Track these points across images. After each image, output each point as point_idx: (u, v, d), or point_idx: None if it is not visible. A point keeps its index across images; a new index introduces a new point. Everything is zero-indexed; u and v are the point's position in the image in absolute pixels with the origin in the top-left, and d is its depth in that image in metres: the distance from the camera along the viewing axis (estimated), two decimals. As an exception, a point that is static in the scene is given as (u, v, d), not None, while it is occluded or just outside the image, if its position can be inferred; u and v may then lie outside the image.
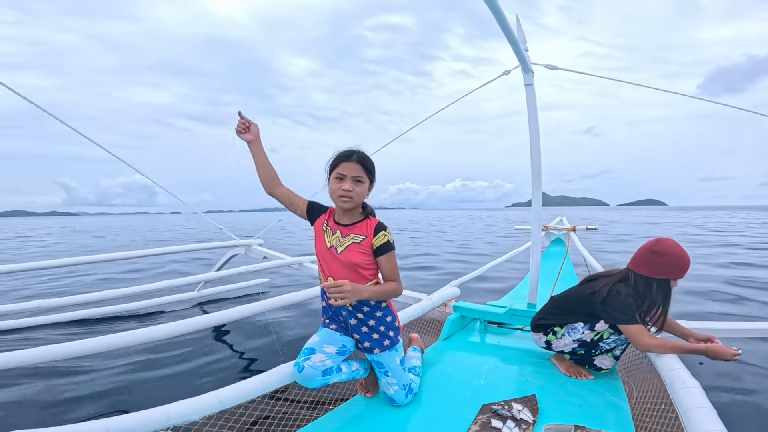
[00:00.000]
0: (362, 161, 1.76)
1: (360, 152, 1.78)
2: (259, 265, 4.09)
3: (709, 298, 5.07)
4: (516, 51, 2.45)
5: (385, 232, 1.81)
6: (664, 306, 2.00)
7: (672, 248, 1.98)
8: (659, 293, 1.99)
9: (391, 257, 1.83)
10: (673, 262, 1.96)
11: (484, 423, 1.70)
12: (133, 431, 1.34)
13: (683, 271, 1.97)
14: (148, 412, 1.39)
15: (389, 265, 1.83)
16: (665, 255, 1.97)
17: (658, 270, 1.97)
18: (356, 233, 1.81)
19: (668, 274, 1.97)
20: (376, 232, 1.80)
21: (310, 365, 1.71)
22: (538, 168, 2.80)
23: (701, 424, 1.26)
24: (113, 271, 8.12)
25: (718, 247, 11.13)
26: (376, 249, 1.79)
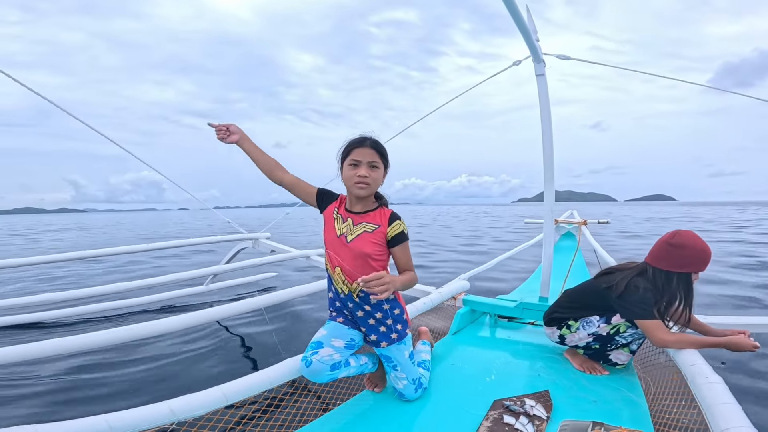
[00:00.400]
0: (376, 146, 1.71)
1: (373, 138, 1.73)
2: (267, 258, 4.08)
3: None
4: (528, 41, 2.40)
5: (400, 222, 1.76)
6: (687, 300, 1.93)
7: (691, 240, 1.90)
8: (680, 287, 1.91)
9: (406, 247, 1.78)
10: (693, 255, 1.88)
11: (496, 419, 1.65)
12: (136, 427, 1.31)
13: (704, 264, 1.89)
14: (151, 407, 1.37)
15: (404, 255, 1.78)
16: (685, 248, 1.89)
17: (677, 263, 1.90)
18: (369, 222, 1.75)
19: (688, 267, 1.89)
20: (390, 222, 1.74)
21: (318, 359, 1.66)
22: (551, 159, 2.72)
23: (726, 420, 1.20)
24: (117, 266, 8.19)
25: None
26: (391, 239, 1.74)
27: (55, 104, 2.99)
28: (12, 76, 2.52)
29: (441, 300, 2.90)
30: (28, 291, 5.92)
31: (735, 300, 4.76)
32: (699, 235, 1.92)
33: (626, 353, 2.08)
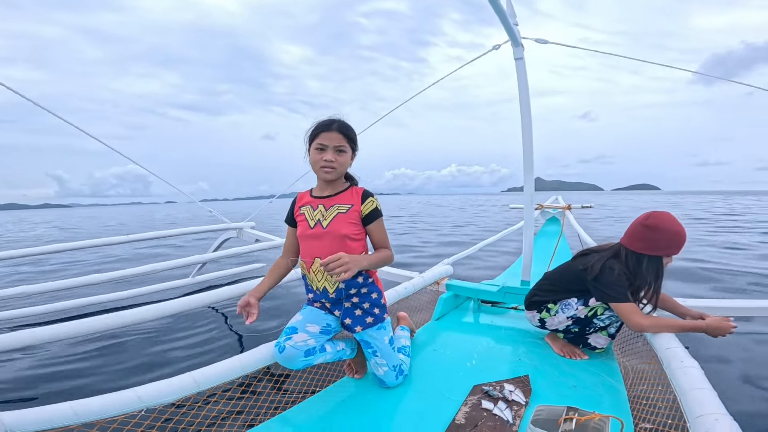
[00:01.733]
0: (343, 130, 1.68)
1: (340, 121, 1.70)
2: (252, 246, 4.05)
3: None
4: (505, 24, 2.37)
5: (373, 198, 1.74)
6: (656, 284, 1.91)
7: (666, 223, 1.86)
8: (650, 270, 1.89)
9: (381, 224, 1.77)
10: (666, 238, 1.85)
11: (474, 404, 1.64)
12: (103, 413, 1.28)
13: (677, 248, 1.86)
14: (117, 395, 1.33)
15: (379, 232, 1.77)
16: (658, 230, 1.85)
17: (649, 246, 1.87)
18: (341, 203, 1.73)
19: (661, 250, 1.87)
20: (363, 199, 1.73)
21: (291, 345, 1.63)
22: (530, 145, 2.72)
23: (701, 406, 1.18)
24: (98, 259, 8.01)
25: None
26: (365, 216, 1.72)
27: (34, 102, 2.96)
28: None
29: (423, 285, 2.88)
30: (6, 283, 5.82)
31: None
32: (675, 218, 1.88)
33: (605, 337, 2.07)
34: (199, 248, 9.20)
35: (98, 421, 1.29)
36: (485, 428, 1.48)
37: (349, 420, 1.61)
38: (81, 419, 1.25)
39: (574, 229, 5.27)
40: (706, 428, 1.06)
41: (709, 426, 1.06)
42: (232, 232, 4.81)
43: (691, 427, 1.13)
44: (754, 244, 8.17)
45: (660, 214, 1.89)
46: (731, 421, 1.07)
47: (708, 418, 1.08)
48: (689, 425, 1.15)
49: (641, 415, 1.55)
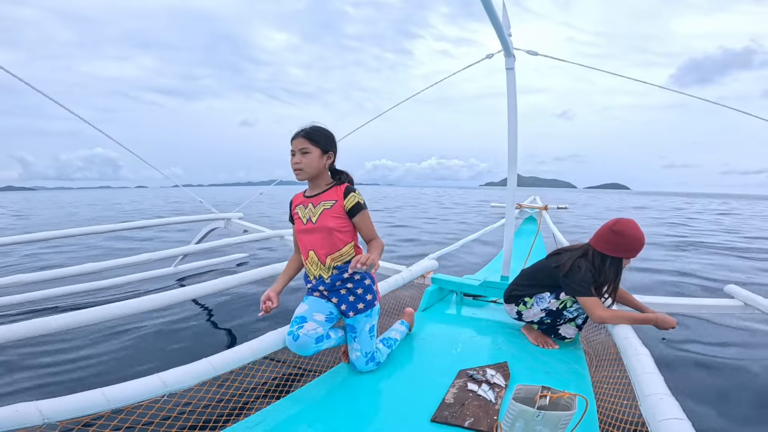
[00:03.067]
0: (307, 134, 1.86)
1: (308, 127, 1.88)
2: (239, 238, 4.06)
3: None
4: (500, 35, 2.52)
5: (355, 194, 1.91)
6: (615, 282, 2.19)
7: (630, 230, 2.12)
8: (612, 270, 2.16)
9: (365, 216, 1.94)
10: (627, 243, 2.12)
11: (461, 386, 1.84)
12: (131, 399, 1.38)
13: (636, 252, 2.13)
14: (144, 380, 1.44)
15: (365, 224, 1.95)
16: (622, 235, 2.11)
17: (613, 248, 2.13)
18: (326, 200, 1.91)
19: (622, 253, 2.13)
20: (346, 195, 1.91)
21: (304, 333, 1.80)
22: (515, 150, 2.91)
23: (649, 387, 1.39)
24: (76, 249, 7.72)
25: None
26: (349, 210, 1.90)
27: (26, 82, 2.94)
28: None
29: (411, 278, 3.08)
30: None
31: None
32: (638, 225, 2.15)
33: (573, 327, 2.32)
34: (179, 236, 9.12)
35: (127, 406, 1.39)
36: (472, 406, 1.69)
37: (347, 402, 1.77)
38: (112, 405, 1.35)
39: (549, 228, 5.57)
40: (652, 405, 1.28)
41: (654, 404, 1.28)
42: (219, 222, 4.82)
43: (641, 405, 1.35)
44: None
45: (626, 221, 2.16)
46: (673, 400, 1.29)
47: (654, 398, 1.31)
48: (640, 403, 1.38)
49: (603, 396, 1.79)
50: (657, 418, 1.20)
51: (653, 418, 1.22)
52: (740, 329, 3.32)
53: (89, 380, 2.44)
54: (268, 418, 1.66)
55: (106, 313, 1.98)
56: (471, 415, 1.62)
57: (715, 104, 3.20)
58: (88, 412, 1.32)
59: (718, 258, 7.06)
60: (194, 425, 1.73)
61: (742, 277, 5.52)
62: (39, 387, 2.39)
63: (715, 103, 3.22)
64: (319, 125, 1.91)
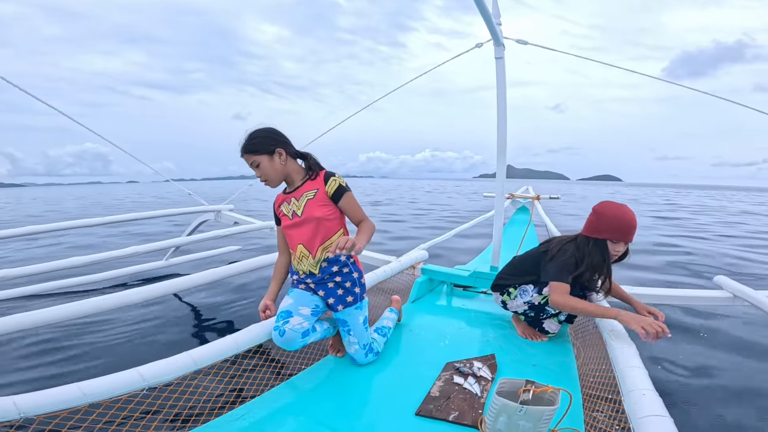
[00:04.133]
0: (246, 149, 1.82)
1: (244, 143, 1.83)
2: (230, 229, 4.00)
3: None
4: (488, 24, 2.49)
5: (335, 178, 1.88)
6: (603, 269, 2.06)
7: (610, 209, 2.01)
8: (595, 253, 2.03)
9: (350, 198, 1.91)
10: (607, 222, 2.00)
11: (447, 379, 1.83)
12: (108, 393, 1.37)
13: (620, 233, 1.99)
14: (121, 374, 1.42)
15: (351, 206, 1.91)
16: (601, 215, 2.02)
17: (595, 229, 2.04)
18: (307, 190, 1.88)
19: (605, 234, 2.01)
20: (326, 181, 1.88)
21: (290, 328, 1.77)
22: (504, 140, 2.90)
23: (634, 382, 1.38)
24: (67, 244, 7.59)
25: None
26: (333, 195, 1.87)
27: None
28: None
29: (401, 268, 3.06)
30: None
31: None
32: (624, 207, 2.02)
33: (556, 323, 2.28)
34: (170, 229, 9.05)
35: (104, 401, 1.37)
36: (457, 400, 1.67)
37: (333, 395, 1.76)
38: (89, 399, 1.33)
39: (542, 218, 5.56)
40: (634, 401, 1.26)
41: (637, 399, 1.26)
42: (209, 214, 4.77)
43: (624, 400, 1.34)
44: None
45: (609, 202, 2.06)
46: (656, 396, 1.27)
47: (637, 393, 1.29)
48: (623, 398, 1.36)
49: (589, 391, 1.76)
50: (638, 415, 1.18)
51: (635, 414, 1.20)
52: (729, 321, 3.33)
53: (71, 375, 2.40)
54: (253, 411, 1.65)
55: (90, 306, 1.94)
56: (456, 409, 1.61)
57: (704, 94, 3.17)
58: (65, 407, 1.30)
59: (707, 247, 7.10)
60: (176, 419, 1.70)
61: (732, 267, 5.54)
62: (19, 383, 2.35)
63: (707, 93, 3.19)
64: (255, 129, 1.84)
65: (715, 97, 3.19)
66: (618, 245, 2.02)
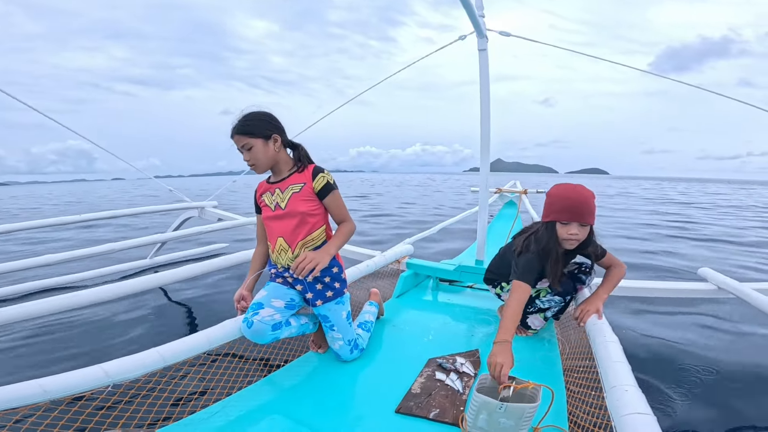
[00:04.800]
0: (240, 130, 1.73)
1: (238, 122, 1.74)
2: (214, 225, 3.94)
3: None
4: (471, 16, 2.46)
5: (324, 174, 1.82)
6: (552, 254, 1.89)
7: (558, 189, 1.88)
8: (545, 236, 1.88)
9: (336, 196, 1.85)
10: (552, 202, 1.86)
11: (429, 375, 1.78)
12: (70, 390, 1.31)
13: (570, 213, 1.81)
14: (84, 371, 1.35)
15: (336, 205, 1.85)
16: (549, 196, 1.89)
17: (545, 211, 1.91)
18: (293, 183, 1.81)
19: (552, 215, 1.86)
20: (314, 176, 1.81)
21: (259, 320, 1.71)
22: (488, 132, 2.87)
23: (616, 377, 1.32)
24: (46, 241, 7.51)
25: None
26: (319, 192, 1.81)
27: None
28: None
29: (385, 263, 3.00)
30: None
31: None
32: (576, 185, 1.87)
33: (541, 319, 2.19)
34: (154, 230, 8.90)
35: (66, 397, 1.32)
36: (438, 397, 1.62)
37: (312, 392, 1.71)
38: (49, 396, 1.27)
39: (529, 212, 5.54)
40: (617, 397, 1.21)
41: (619, 395, 1.21)
42: (193, 211, 4.67)
43: (607, 397, 1.28)
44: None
45: (561, 184, 1.91)
46: (638, 393, 1.22)
47: (620, 389, 1.24)
48: (605, 394, 1.31)
49: (574, 387, 1.72)
50: (620, 413, 1.13)
51: (617, 411, 1.15)
52: (714, 313, 3.33)
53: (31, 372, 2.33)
54: (228, 409, 1.59)
55: (62, 303, 1.87)
56: (437, 406, 1.56)
57: (690, 87, 3.17)
58: (24, 403, 1.25)
59: (692, 241, 7.15)
60: (145, 416, 1.63)
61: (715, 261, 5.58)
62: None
63: (692, 85, 3.19)
64: (251, 111, 1.77)
65: (706, 90, 3.18)
66: (569, 227, 1.83)
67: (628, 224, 9.53)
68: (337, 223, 1.90)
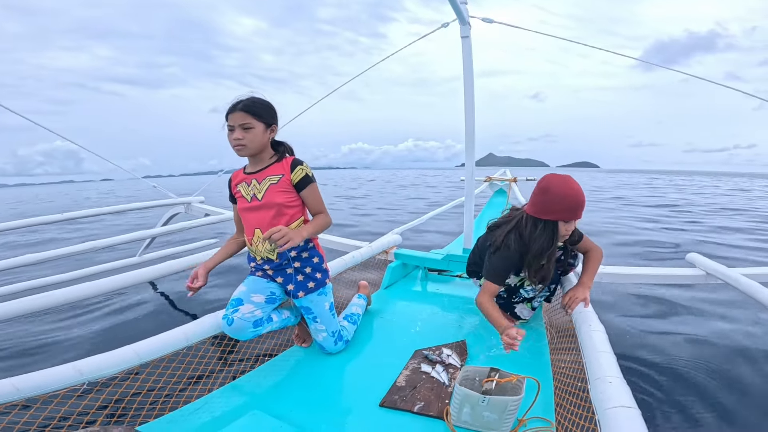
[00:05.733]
0: (248, 108, 1.68)
1: (246, 100, 1.70)
2: (201, 220, 3.87)
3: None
4: (453, 3, 2.43)
5: (302, 166, 1.78)
6: (548, 251, 1.85)
7: (557, 186, 1.80)
8: (544, 235, 1.83)
9: (314, 189, 1.81)
10: (556, 201, 1.78)
11: (414, 368, 1.75)
12: (43, 388, 1.28)
13: (569, 212, 1.78)
14: (57, 369, 1.32)
15: (313, 198, 1.81)
16: (549, 192, 1.80)
17: (542, 209, 1.82)
18: (271, 174, 1.77)
19: (556, 214, 1.80)
20: (293, 168, 1.76)
21: (239, 317, 1.66)
22: (472, 120, 2.83)
23: (601, 368, 1.30)
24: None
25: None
26: (297, 184, 1.76)
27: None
28: None
29: (372, 254, 2.95)
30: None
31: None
32: (571, 180, 1.81)
33: (528, 309, 2.17)
34: (144, 228, 8.77)
35: (40, 396, 1.29)
36: (423, 389, 1.60)
37: (296, 387, 1.68)
38: (23, 395, 1.25)
39: (518, 200, 5.53)
40: (600, 390, 1.19)
41: (603, 388, 1.18)
42: (179, 207, 4.57)
43: (591, 388, 1.26)
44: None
45: (554, 176, 1.84)
46: (623, 385, 1.20)
47: (604, 380, 1.21)
48: (589, 386, 1.28)
49: (560, 378, 1.69)
50: (604, 406, 1.10)
51: (600, 405, 1.12)
52: (702, 299, 3.34)
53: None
54: (209, 405, 1.56)
55: (46, 301, 1.85)
56: (422, 399, 1.53)
57: (677, 72, 3.14)
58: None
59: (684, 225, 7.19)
60: (124, 414, 1.60)
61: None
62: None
63: (683, 72, 3.16)
64: (259, 96, 1.74)
65: (705, 80, 3.16)
66: (569, 224, 1.83)
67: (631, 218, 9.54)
68: (314, 215, 1.86)
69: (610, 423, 1.05)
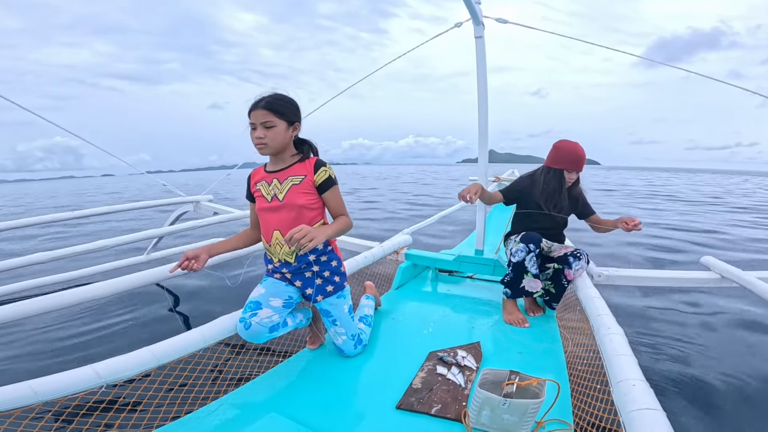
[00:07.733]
0: (270, 106, 1.65)
1: (268, 97, 1.68)
2: (210, 219, 3.86)
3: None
4: (467, 3, 2.41)
5: (326, 168, 1.75)
6: (560, 192, 2.39)
7: (566, 144, 2.38)
8: (554, 180, 2.39)
9: (336, 191, 1.79)
10: (564, 154, 2.36)
11: (430, 369, 1.74)
12: (62, 392, 1.27)
13: (573, 163, 2.35)
14: (75, 372, 1.32)
15: (335, 200, 1.79)
16: (560, 149, 2.37)
17: (553, 160, 2.40)
18: (294, 175, 1.74)
19: (562, 164, 2.37)
20: (316, 169, 1.74)
21: (257, 322, 1.65)
22: (485, 121, 2.82)
23: (622, 371, 1.29)
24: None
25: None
26: (319, 186, 1.74)
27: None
28: None
29: (383, 254, 2.94)
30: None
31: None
32: (577, 144, 2.36)
33: (537, 281, 2.25)
34: (148, 225, 8.81)
35: (58, 399, 1.28)
36: (440, 392, 1.59)
37: (311, 389, 1.67)
38: (41, 398, 1.24)
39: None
40: (624, 392, 1.18)
41: (626, 390, 1.18)
42: (188, 205, 4.55)
43: (613, 392, 1.25)
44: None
45: (566, 140, 2.41)
46: (647, 387, 1.19)
47: (626, 383, 1.20)
48: (612, 389, 1.27)
49: (578, 380, 1.69)
50: (628, 408, 1.09)
51: (624, 407, 1.12)
52: (718, 302, 3.31)
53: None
54: (226, 407, 1.56)
55: (55, 302, 1.82)
56: (438, 401, 1.53)
57: (679, 69, 3.12)
58: (15, 405, 1.22)
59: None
60: (141, 416, 1.60)
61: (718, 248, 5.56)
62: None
63: (685, 69, 3.14)
64: (282, 93, 1.71)
65: (701, 75, 3.13)
66: (571, 174, 2.39)
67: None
68: (334, 217, 1.83)
69: (636, 425, 1.04)
